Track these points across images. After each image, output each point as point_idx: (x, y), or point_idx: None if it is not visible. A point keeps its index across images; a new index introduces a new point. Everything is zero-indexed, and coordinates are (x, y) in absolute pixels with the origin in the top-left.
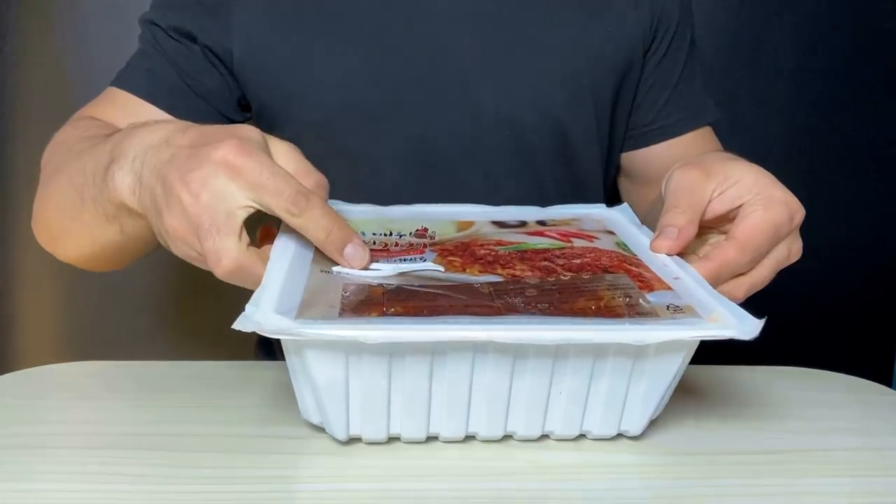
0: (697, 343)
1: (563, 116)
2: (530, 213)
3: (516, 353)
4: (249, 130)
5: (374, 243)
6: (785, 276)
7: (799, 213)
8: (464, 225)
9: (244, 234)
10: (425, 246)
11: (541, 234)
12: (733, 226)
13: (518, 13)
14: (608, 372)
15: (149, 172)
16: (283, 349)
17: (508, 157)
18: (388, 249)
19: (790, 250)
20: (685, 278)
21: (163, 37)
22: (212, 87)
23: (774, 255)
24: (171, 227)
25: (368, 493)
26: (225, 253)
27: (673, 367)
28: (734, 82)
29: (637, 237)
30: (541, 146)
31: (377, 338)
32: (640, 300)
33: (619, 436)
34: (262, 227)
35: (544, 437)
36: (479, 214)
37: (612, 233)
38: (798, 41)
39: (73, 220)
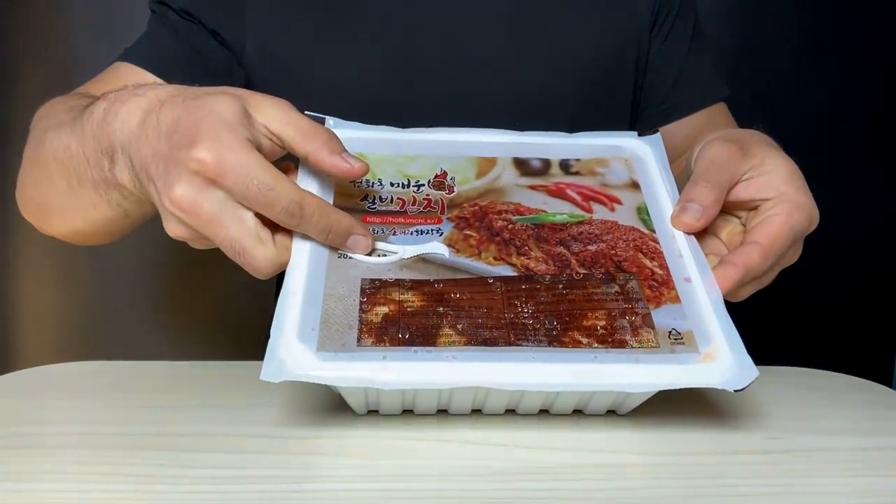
0: None
1: (575, 107)
2: (555, 146)
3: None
4: (227, 107)
5: (392, 201)
6: (785, 276)
7: (816, 221)
8: (485, 165)
9: (263, 231)
10: (443, 209)
11: (562, 192)
12: (757, 227)
13: (527, 7)
14: (600, 393)
15: (139, 169)
16: None
17: None
18: (405, 212)
19: (794, 254)
20: (695, 280)
21: (174, 16)
22: (222, 65)
23: (783, 258)
24: (176, 235)
25: (369, 493)
26: (261, 264)
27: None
28: (734, 82)
29: (660, 198)
30: None
31: (390, 383)
32: (646, 324)
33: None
34: (281, 165)
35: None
36: (501, 148)
37: (636, 186)
38: (798, 41)
39: (68, 199)
